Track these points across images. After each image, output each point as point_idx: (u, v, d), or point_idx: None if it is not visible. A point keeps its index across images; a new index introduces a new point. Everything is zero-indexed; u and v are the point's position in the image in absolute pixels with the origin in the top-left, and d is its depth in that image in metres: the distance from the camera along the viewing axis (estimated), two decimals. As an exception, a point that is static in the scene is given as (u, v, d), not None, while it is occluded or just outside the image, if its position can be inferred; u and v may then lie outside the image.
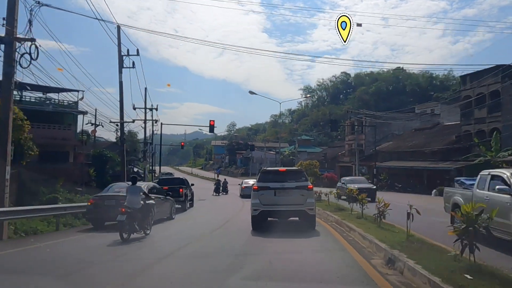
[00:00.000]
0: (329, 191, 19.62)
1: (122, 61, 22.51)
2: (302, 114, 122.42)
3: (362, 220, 11.72)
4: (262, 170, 12.68)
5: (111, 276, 6.35)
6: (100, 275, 6.40)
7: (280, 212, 11.10)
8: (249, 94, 35.70)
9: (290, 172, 12.03)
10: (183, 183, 19.92)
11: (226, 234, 11.47)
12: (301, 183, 10.95)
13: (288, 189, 10.80)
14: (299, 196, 10.75)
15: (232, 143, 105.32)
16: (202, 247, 9.21)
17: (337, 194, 16.81)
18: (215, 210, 20.76)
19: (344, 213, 14.16)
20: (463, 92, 34.27)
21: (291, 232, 10.88)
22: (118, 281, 5.94)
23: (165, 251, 8.51)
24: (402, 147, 39.96)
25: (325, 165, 54.55)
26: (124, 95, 22.54)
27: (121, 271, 6.69)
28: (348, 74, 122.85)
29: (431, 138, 37.42)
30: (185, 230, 13.00)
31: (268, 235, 10.22)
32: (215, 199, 29.31)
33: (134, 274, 6.38)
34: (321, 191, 21.42)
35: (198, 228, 13.17)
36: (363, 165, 46.68)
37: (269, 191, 10.81)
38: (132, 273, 6.44)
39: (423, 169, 33.79)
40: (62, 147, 31.34)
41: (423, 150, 35.82)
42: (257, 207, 10.88)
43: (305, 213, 10.81)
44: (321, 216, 15.17)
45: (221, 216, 16.49)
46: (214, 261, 7.43)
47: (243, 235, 10.53)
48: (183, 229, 13.24)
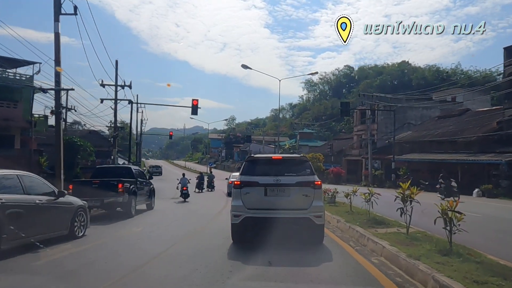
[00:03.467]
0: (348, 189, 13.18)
1: (60, 5, 16.12)
2: (303, 108, 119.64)
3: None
4: (248, 157, 8.57)
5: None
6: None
7: (273, 220, 7.37)
8: (243, 68, 29.16)
9: (289, 161, 8.44)
10: (129, 174, 13.30)
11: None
12: (305, 178, 7.64)
13: (285, 186, 7.49)
14: (301, 197, 7.48)
15: (230, 135, 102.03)
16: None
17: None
18: (181, 215, 14.33)
19: (402, 236, 7.68)
20: (507, 69, 27.63)
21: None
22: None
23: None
24: (426, 137, 33.39)
25: (330, 158, 48.05)
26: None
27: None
28: (351, 67, 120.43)
29: (462, 126, 30.83)
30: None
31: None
32: (193, 198, 22.74)
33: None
34: (336, 189, 15.05)
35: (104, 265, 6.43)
36: (376, 158, 40.27)
37: (258, 189, 7.53)
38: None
39: (456, 162, 27.21)
40: (5, 130, 24.98)
41: (455, 140, 29.30)
42: (239, 212, 7.53)
43: (310, 222, 7.39)
44: (347, 235, 8.82)
45: (181, 230, 10.23)
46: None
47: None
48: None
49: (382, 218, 9.82)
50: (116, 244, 8.35)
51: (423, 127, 37.96)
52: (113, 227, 10.58)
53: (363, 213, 11.33)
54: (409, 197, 7.35)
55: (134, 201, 12.64)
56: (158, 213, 14.37)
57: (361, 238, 7.85)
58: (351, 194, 11.88)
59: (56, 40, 16.05)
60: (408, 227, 7.52)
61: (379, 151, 40.93)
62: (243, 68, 29.32)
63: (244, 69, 29.40)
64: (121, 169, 14.28)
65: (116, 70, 30.34)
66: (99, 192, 11.37)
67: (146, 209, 15.01)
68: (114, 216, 12.24)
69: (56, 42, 16.06)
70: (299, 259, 6.42)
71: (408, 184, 7.49)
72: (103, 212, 12.92)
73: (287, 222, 7.36)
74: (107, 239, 8.71)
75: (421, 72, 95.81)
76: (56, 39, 16.07)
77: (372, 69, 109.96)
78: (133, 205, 12.43)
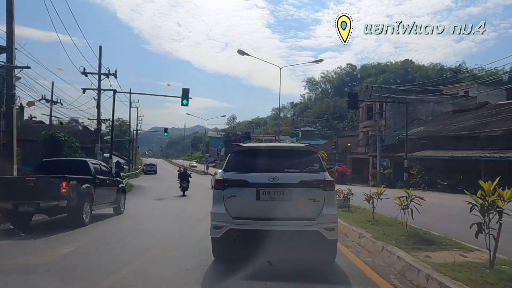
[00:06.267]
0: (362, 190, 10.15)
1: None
2: (304, 107, 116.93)
3: None
4: (236, 147, 6.11)
5: None
6: None
7: (267, 234, 5.05)
8: (239, 54, 26.09)
9: (290, 152, 6.07)
10: (84, 170, 9.92)
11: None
12: (312, 175, 5.30)
13: (285, 186, 5.13)
14: (307, 202, 5.16)
15: (229, 133, 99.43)
16: None
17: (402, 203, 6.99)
18: (156, 222, 11.28)
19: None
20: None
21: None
22: None
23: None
24: (442, 132, 30.26)
25: (335, 156, 44.94)
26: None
27: None
28: (353, 66, 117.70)
29: (482, 120, 27.74)
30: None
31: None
32: (170, 202, 18.57)
33: None
34: (351, 189, 12.06)
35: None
36: (384, 156, 37.21)
37: (247, 191, 5.23)
38: None
39: (479, 160, 24.10)
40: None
41: (476, 135, 26.23)
42: (222, 222, 5.25)
43: (319, 236, 5.05)
44: (380, 261, 5.82)
45: (137, 251, 6.98)
46: None
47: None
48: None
49: (427, 233, 6.82)
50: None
51: (436, 122, 34.86)
52: (29, 245, 7.01)
53: (392, 223, 8.34)
54: (495, 206, 4.36)
55: (89, 205, 9.58)
56: (125, 220, 11.32)
57: (409, 271, 4.83)
58: (374, 197, 8.84)
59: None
60: (494, 256, 4.51)
61: (387, 148, 37.89)
62: (240, 55, 26.34)
63: (241, 55, 26.41)
64: (74, 162, 11.13)
65: (99, 56, 27.39)
66: (35, 193, 8.39)
67: (113, 214, 12.03)
68: (58, 224, 9.27)
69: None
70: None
71: (494, 184, 4.50)
72: (45, 218, 9.92)
73: (287, 236, 5.20)
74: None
75: (425, 70, 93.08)
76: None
77: (375, 68, 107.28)
78: (86, 210, 9.38)
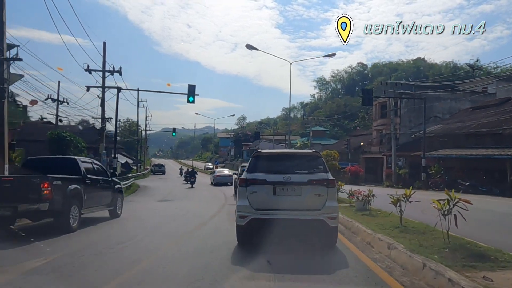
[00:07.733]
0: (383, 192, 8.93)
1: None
2: (315, 107, 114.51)
3: None
4: (255, 153, 7.50)
5: None
6: None
7: (282, 222, 6.60)
8: (247, 48, 24.93)
9: (300, 157, 7.70)
10: (72, 168, 8.88)
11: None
12: (318, 175, 6.81)
13: (296, 184, 6.67)
14: (313, 197, 6.65)
15: (239, 134, 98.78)
16: None
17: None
18: (153, 227, 10.19)
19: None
20: None
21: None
22: None
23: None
24: (463, 129, 28.62)
25: (347, 156, 43.45)
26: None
27: None
28: (364, 65, 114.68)
29: (506, 116, 26.06)
30: None
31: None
32: (183, 198, 18.53)
33: None
34: (371, 190, 10.83)
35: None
36: (399, 156, 35.67)
37: (266, 188, 6.70)
38: None
39: (506, 158, 22.49)
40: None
41: (500, 132, 24.60)
42: (246, 212, 6.69)
43: (323, 224, 6.55)
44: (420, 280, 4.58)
45: (123, 265, 5.96)
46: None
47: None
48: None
49: (475, 245, 5.57)
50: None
51: (454, 119, 33.17)
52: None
53: (424, 230, 7.12)
54: None
55: (78, 208, 8.55)
56: (121, 224, 10.27)
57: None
58: (402, 200, 7.61)
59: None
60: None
61: (401, 147, 36.33)
62: (248, 49, 25.21)
63: (249, 50, 25.29)
64: (62, 161, 10.05)
65: (104, 53, 26.59)
66: (12, 195, 7.38)
67: (108, 218, 11.01)
68: (42, 230, 8.25)
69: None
70: None
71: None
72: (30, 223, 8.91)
73: (298, 224, 6.77)
74: None
75: (438, 68, 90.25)
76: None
77: (386, 66, 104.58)
78: (74, 214, 8.34)
